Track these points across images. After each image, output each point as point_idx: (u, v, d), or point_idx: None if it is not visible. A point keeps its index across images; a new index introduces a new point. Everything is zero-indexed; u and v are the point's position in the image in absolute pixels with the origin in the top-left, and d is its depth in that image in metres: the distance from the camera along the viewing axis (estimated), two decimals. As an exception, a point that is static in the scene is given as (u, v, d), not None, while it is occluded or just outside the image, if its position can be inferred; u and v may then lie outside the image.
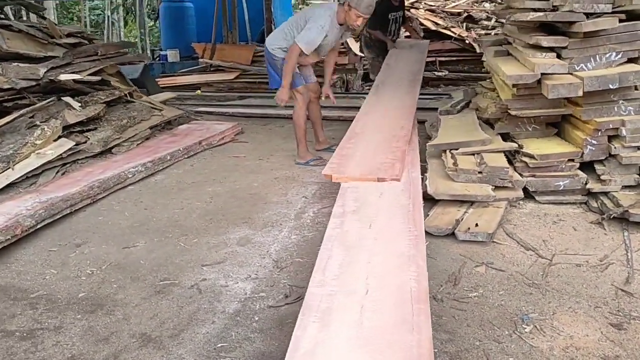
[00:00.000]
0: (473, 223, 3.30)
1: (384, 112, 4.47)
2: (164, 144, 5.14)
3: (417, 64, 5.93)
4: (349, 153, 3.67)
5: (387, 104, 4.65)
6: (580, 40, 3.59)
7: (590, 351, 2.26)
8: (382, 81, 5.35)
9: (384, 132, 3.99)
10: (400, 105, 4.58)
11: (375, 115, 4.42)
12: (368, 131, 4.04)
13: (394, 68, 5.78)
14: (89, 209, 3.83)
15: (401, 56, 6.26)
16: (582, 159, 3.66)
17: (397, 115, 4.33)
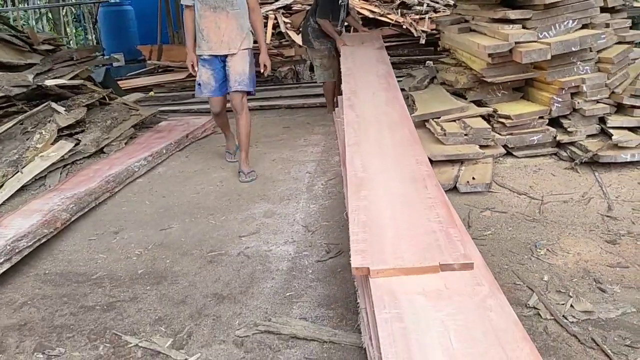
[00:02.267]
0: (469, 177, 3.76)
1: (378, 139, 3.21)
2: (154, 140, 5.33)
3: (383, 65, 4.89)
4: (370, 218, 2.30)
5: (375, 127, 3.40)
6: (541, 11, 4.12)
7: (597, 262, 2.76)
8: (353, 92, 4.08)
9: (399, 173, 2.73)
10: (393, 125, 3.40)
11: (369, 146, 3.09)
12: (375, 173, 2.74)
13: (357, 75, 4.63)
14: (109, 202, 4.03)
15: (359, 57, 5.29)
16: (551, 115, 4.20)
17: (398, 141, 3.14)
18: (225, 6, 4.03)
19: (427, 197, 2.45)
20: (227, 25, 4.05)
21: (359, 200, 2.49)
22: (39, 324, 2.59)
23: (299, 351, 2.27)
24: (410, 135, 3.23)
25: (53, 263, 3.21)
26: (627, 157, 3.81)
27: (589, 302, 2.42)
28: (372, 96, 3.99)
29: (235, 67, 4.13)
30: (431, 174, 2.71)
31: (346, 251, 3.05)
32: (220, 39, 4.07)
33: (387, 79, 4.36)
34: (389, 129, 3.34)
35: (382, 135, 3.27)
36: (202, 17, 4.06)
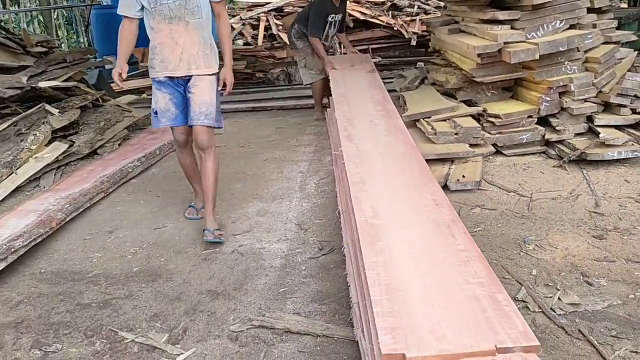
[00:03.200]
0: (460, 176, 3.81)
1: (386, 175, 2.85)
2: (147, 141, 5.36)
3: (377, 89, 4.59)
4: (392, 279, 1.88)
5: (380, 161, 3.06)
6: (529, 12, 4.19)
7: (584, 256, 2.82)
8: (349, 121, 3.79)
9: (417, 218, 2.34)
10: (399, 158, 3.05)
11: (377, 185, 2.72)
12: (390, 219, 2.34)
13: (351, 101, 4.35)
14: (103, 202, 4.06)
15: (350, 82, 5.00)
16: (539, 114, 4.27)
17: (409, 178, 2.76)
18: (184, 15, 3.14)
19: (458, 250, 2.03)
20: (187, 40, 3.19)
21: (375, 254, 2.05)
22: (35, 322, 2.62)
23: (293, 345, 2.31)
24: (421, 170, 2.87)
25: (48, 262, 3.24)
26: (614, 155, 3.88)
27: (576, 295, 2.47)
28: (370, 125, 3.71)
29: (200, 95, 3.27)
30: (456, 219, 2.32)
31: (338, 248, 3.11)
32: (179, 57, 3.21)
33: (384, 105, 4.11)
34: (396, 163, 3.00)
35: (389, 170, 2.90)
36: (154, 31, 3.19)
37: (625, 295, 2.46)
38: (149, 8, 3.12)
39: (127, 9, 3.18)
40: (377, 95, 4.41)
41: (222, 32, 3.37)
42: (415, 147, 3.17)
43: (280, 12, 12.84)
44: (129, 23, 3.22)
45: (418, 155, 3.06)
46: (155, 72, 3.30)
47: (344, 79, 5.09)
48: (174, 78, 3.28)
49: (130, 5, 3.16)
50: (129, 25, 3.22)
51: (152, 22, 3.17)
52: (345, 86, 4.84)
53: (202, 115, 3.27)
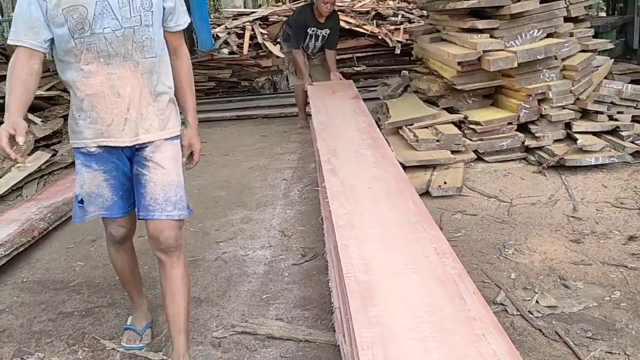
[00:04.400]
0: (441, 182, 3.86)
1: (376, 215, 2.58)
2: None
3: (362, 117, 4.22)
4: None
5: (369, 197, 2.79)
6: (508, 21, 4.27)
7: (561, 259, 2.87)
8: (332, 152, 3.48)
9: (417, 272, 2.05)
10: (390, 194, 2.78)
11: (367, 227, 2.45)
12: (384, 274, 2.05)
13: (333, 130, 4.01)
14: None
15: (332, 108, 4.63)
16: (519, 121, 4.33)
17: (403, 218, 2.51)
18: (131, 52, 2.03)
19: (469, 318, 1.72)
20: (136, 89, 2.07)
21: (370, 325, 1.70)
22: (17, 331, 2.62)
23: (275, 350, 2.33)
24: (416, 208, 2.61)
25: (31, 271, 3.23)
26: (591, 161, 3.95)
27: (553, 297, 2.52)
28: (356, 156, 3.40)
29: (163, 174, 2.16)
30: (462, 273, 2.00)
31: (321, 254, 3.14)
32: (123, 117, 2.08)
33: (370, 134, 3.82)
34: (387, 199, 2.75)
35: (380, 208, 2.63)
36: (83, 76, 2.02)
37: (601, 297, 2.51)
38: (71, 39, 1.94)
39: (26, 34, 1.95)
40: (362, 123, 4.15)
41: (182, 75, 2.26)
42: (408, 181, 2.95)
43: (266, 22, 12.90)
44: (26, 57, 1.95)
45: (411, 191, 2.83)
46: (82, 139, 2.10)
47: (325, 106, 4.79)
48: (114, 148, 2.11)
49: (31, 28, 1.94)
50: (26, 60, 1.95)
51: (78, 61, 1.98)
52: (327, 114, 4.54)
53: (170, 205, 2.15)
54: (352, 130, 4.08)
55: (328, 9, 5.56)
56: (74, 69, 2.00)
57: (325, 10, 5.55)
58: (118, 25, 1.97)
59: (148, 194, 2.14)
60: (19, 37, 1.95)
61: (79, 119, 2.08)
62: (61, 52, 1.99)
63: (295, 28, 5.75)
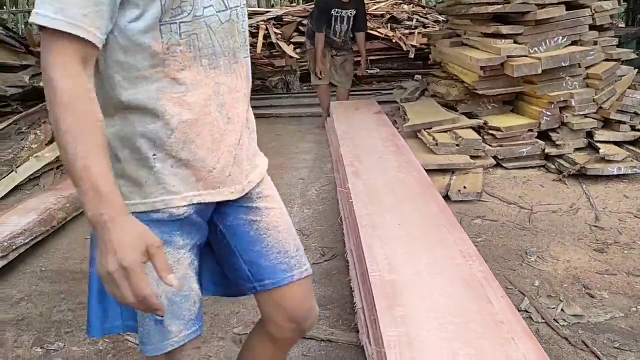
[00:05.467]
0: (461, 187, 3.84)
1: (399, 217, 2.57)
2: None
3: (385, 127, 4.25)
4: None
5: (392, 199, 2.78)
6: (533, 27, 4.25)
7: (586, 269, 2.84)
8: (356, 157, 3.50)
9: (442, 273, 2.04)
10: (414, 197, 2.76)
11: (390, 228, 2.44)
12: (409, 273, 2.04)
13: (356, 138, 4.01)
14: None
15: (355, 121, 4.68)
16: (540, 128, 4.31)
17: (427, 220, 2.50)
18: (238, 49, 1.24)
19: (498, 322, 1.68)
20: (244, 107, 1.31)
21: (396, 325, 1.67)
22: (37, 320, 2.61)
23: (297, 349, 2.31)
24: (440, 211, 2.59)
25: (50, 261, 3.22)
26: (613, 171, 3.92)
27: (579, 306, 2.49)
28: (379, 161, 3.44)
29: (281, 214, 1.49)
30: (489, 276, 1.98)
31: (341, 254, 3.12)
32: (233, 154, 1.28)
33: (394, 142, 3.86)
34: (411, 202, 2.74)
35: (403, 211, 2.62)
36: (176, 90, 1.15)
37: (628, 308, 2.48)
38: (156, 27, 1.10)
39: (86, 15, 0.99)
40: (386, 133, 4.26)
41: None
42: (432, 185, 2.98)
43: (280, 22, 12.90)
44: (78, 61, 1.00)
45: (435, 194, 2.86)
46: (160, 196, 1.21)
47: (348, 119, 4.90)
48: (209, 205, 1.30)
49: (95, 5, 1.00)
50: (81, 68, 1.01)
51: (160, 67, 1.13)
52: (350, 125, 4.63)
53: (303, 255, 1.46)
54: (375, 139, 4.19)
55: None
56: (155, 81, 1.12)
57: None
58: (222, 5, 1.18)
59: (274, 248, 1.38)
60: (72, 16, 0.97)
61: (157, 162, 1.18)
62: (122, 54, 1.09)
63: (318, 12, 5.67)
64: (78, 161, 0.98)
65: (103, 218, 0.97)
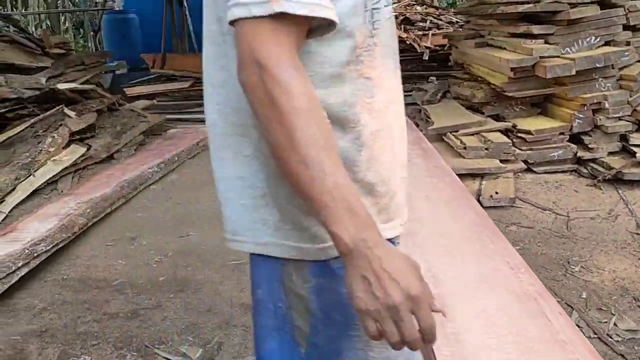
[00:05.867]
0: (492, 192, 3.71)
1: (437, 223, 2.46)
2: (164, 147, 5.26)
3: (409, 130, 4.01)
4: None
5: (427, 206, 2.67)
6: (565, 27, 4.11)
7: (633, 279, 2.71)
8: None
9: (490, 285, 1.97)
10: (449, 202, 2.62)
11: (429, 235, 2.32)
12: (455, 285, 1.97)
13: None
14: (124, 207, 3.94)
15: None
16: (571, 131, 4.17)
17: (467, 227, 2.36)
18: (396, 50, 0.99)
19: (559, 340, 1.58)
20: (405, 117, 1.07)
21: (448, 342, 1.60)
22: (61, 331, 2.50)
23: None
24: (480, 219, 2.47)
25: (71, 268, 3.12)
26: (651, 175, 3.79)
27: (632, 320, 2.36)
28: (407, 165, 3.46)
29: None
30: (542, 291, 1.89)
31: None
32: (400, 176, 1.05)
33: (419, 145, 3.74)
34: (447, 209, 2.60)
35: (440, 218, 2.49)
36: (367, 94, 0.91)
37: (683, 322, 2.35)
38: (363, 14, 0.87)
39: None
40: (410, 136, 4.15)
41: None
42: (466, 190, 2.92)
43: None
44: (293, 54, 0.78)
45: (471, 200, 2.79)
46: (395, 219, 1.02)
47: None
48: None
49: None
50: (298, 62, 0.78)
51: (353, 64, 0.89)
52: None
53: None
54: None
55: None
56: (350, 81, 0.90)
57: None
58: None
59: None
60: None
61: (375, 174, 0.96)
62: (314, 42, 0.85)
63: None
64: (327, 178, 0.76)
65: (367, 244, 0.77)
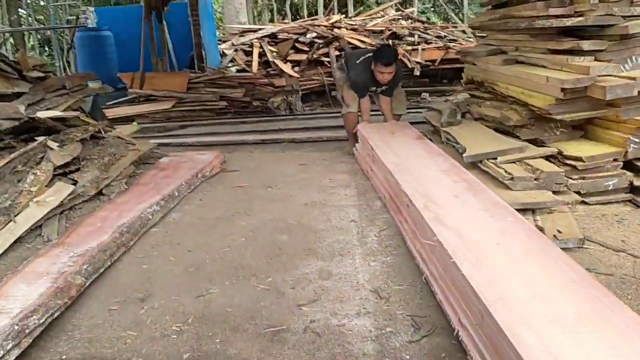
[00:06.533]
0: (554, 230, 3.25)
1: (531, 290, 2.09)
2: (160, 179, 4.68)
3: (439, 156, 3.96)
4: None
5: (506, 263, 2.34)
6: (617, 42, 3.71)
7: None
8: (426, 197, 3.15)
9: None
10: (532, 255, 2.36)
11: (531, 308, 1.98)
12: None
13: (412, 170, 3.68)
14: (124, 258, 3.36)
15: (401, 151, 4.25)
16: (625, 157, 3.76)
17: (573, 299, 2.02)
18: None
19: None
20: None
21: None
22: None
23: None
24: (578, 275, 2.20)
25: (70, 344, 2.53)
26: None
27: None
28: (457, 201, 3.00)
29: None
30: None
31: (440, 327, 2.50)
32: None
33: (460, 176, 3.42)
34: (529, 260, 2.22)
35: (526, 273, 2.16)
36: None
37: None
38: None
39: None
40: (444, 164, 3.79)
41: None
42: (543, 236, 2.49)
43: (275, 39, 12.34)
44: None
45: (555, 249, 2.35)
46: None
47: (390, 147, 4.41)
48: None
49: None
50: None
51: None
52: (396, 154, 4.15)
53: None
54: (434, 171, 3.67)
55: (385, 78, 5.19)
56: None
57: (382, 80, 5.22)
58: None
59: None
60: None
61: None
62: None
63: (356, 86, 5.42)
64: None
65: None
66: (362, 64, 5.32)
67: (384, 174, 4.06)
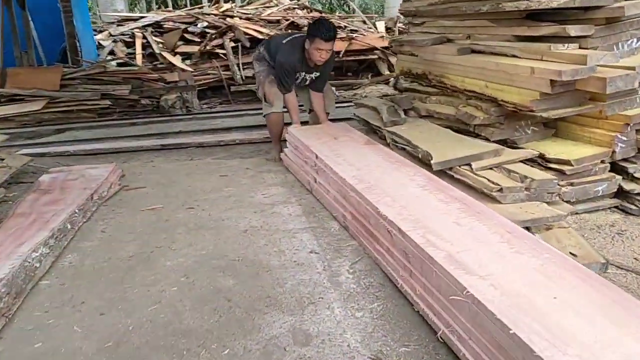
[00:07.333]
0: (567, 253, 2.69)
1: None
2: (44, 206, 3.60)
3: (408, 167, 3.36)
4: None
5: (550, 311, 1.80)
6: (603, 27, 3.23)
7: None
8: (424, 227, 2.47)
9: None
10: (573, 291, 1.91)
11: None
12: None
13: (386, 187, 3.02)
14: (5, 334, 2.34)
15: (356, 160, 3.55)
16: (612, 158, 3.32)
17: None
18: None
19: None
20: None
21: None
22: None
23: None
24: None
25: None
26: None
27: None
28: (462, 230, 2.42)
29: None
30: None
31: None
32: None
33: (447, 193, 2.83)
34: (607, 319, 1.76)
35: (573, 322, 1.73)
36: None
37: None
38: None
39: None
40: (418, 177, 3.15)
41: None
42: (605, 281, 1.96)
43: (159, 29, 11.16)
44: None
45: (628, 299, 1.83)
46: None
47: (341, 155, 3.69)
48: None
49: None
50: None
51: None
52: (353, 165, 3.44)
53: None
54: (413, 187, 3.01)
55: (322, 57, 4.44)
56: None
57: (319, 59, 4.46)
58: None
59: None
60: None
61: None
62: None
63: (281, 72, 4.61)
64: None
65: None
66: (290, 43, 4.57)
67: (339, 189, 3.32)
